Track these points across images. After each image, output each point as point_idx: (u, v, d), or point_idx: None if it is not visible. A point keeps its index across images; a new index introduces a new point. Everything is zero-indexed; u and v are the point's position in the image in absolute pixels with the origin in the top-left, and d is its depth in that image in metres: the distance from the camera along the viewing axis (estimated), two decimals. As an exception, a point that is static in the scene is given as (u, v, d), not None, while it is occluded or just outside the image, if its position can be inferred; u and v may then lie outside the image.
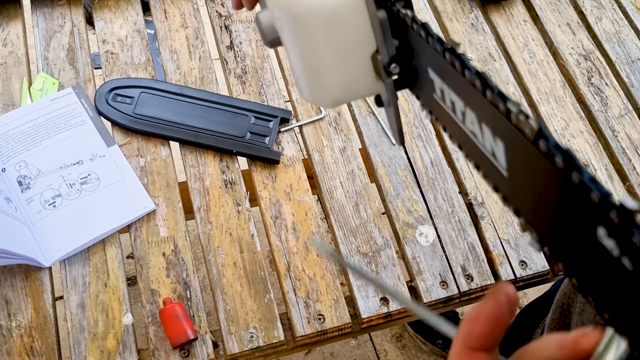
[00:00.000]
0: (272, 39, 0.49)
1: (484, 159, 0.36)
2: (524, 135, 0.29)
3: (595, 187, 0.25)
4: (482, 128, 0.34)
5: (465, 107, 0.36)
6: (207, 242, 0.75)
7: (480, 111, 0.34)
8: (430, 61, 0.38)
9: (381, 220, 0.78)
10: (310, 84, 0.47)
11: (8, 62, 0.87)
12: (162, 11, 0.94)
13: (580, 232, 0.27)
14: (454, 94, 0.37)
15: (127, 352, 0.67)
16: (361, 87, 0.46)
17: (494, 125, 0.33)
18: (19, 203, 0.75)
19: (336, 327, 0.70)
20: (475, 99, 0.34)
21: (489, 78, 0.32)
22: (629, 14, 1.00)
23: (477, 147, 0.36)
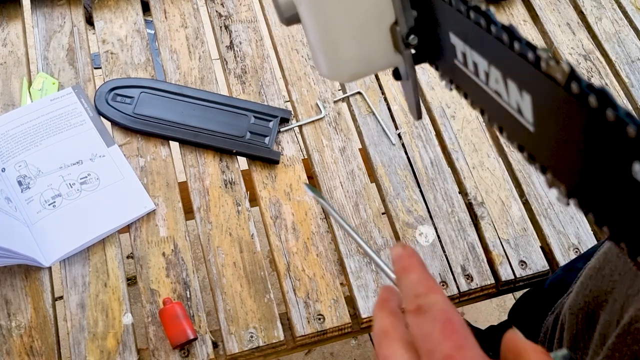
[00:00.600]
0: (289, 16, 0.48)
1: (508, 118, 0.36)
2: (555, 81, 0.29)
3: (631, 121, 0.24)
4: (507, 84, 0.34)
5: (489, 66, 0.36)
6: (207, 242, 0.75)
7: (506, 66, 0.34)
8: (453, 25, 0.39)
9: (381, 220, 0.78)
10: (328, 58, 0.47)
11: (8, 62, 0.87)
12: (162, 11, 0.94)
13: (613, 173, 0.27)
14: (477, 55, 0.37)
15: (127, 352, 0.67)
16: (379, 59, 0.46)
17: (521, 77, 0.32)
18: (18, 203, 0.75)
19: (336, 327, 0.70)
20: (501, 54, 0.34)
21: (515, 29, 0.32)
22: (629, 14, 1.00)
23: (501, 107, 0.36)
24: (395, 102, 0.88)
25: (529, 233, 0.78)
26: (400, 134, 0.85)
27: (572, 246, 0.77)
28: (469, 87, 0.40)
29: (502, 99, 0.36)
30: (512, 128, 0.36)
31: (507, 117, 0.36)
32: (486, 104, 0.39)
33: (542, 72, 0.30)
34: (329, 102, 0.87)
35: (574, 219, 0.80)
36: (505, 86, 0.35)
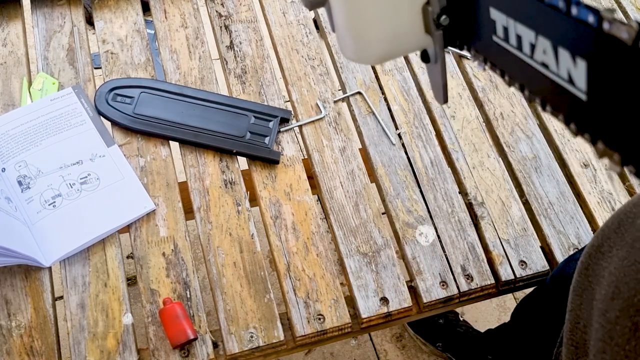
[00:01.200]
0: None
1: (556, 90, 0.35)
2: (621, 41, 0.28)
3: None
4: (558, 54, 0.34)
5: (536, 37, 0.35)
6: (207, 242, 0.75)
7: (559, 35, 0.33)
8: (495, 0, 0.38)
9: (381, 220, 0.78)
10: (356, 40, 0.46)
11: (8, 62, 0.87)
12: (162, 11, 0.94)
13: None
14: (522, 27, 0.36)
15: (127, 352, 0.67)
16: (409, 41, 0.45)
17: (577, 44, 0.32)
18: (19, 203, 0.75)
19: (336, 327, 0.70)
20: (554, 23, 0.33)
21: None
22: (629, 14, 1.00)
23: (547, 79, 0.35)
24: (395, 102, 0.88)
25: (529, 233, 0.78)
26: (400, 134, 0.85)
27: (572, 246, 0.77)
28: (508, 63, 0.40)
29: (549, 70, 0.35)
30: (559, 100, 0.35)
31: (555, 88, 0.35)
32: (528, 78, 0.38)
33: (605, 33, 0.29)
34: (329, 102, 0.87)
35: (574, 219, 0.80)
36: (556, 56, 0.34)
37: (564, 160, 0.85)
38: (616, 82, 0.30)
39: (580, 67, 0.32)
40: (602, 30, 0.29)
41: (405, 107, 0.87)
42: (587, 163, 0.85)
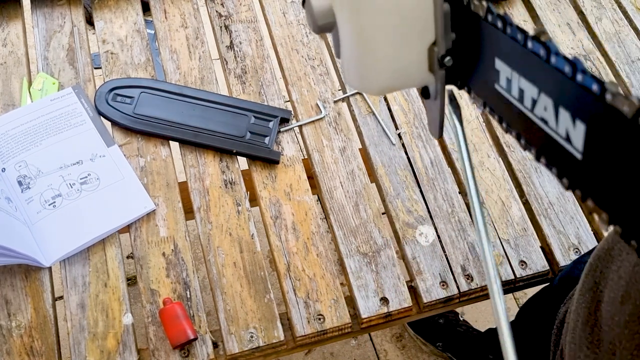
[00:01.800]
0: (324, 24, 0.48)
1: (552, 146, 0.36)
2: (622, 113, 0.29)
3: None
4: (558, 113, 0.35)
5: (539, 94, 0.36)
6: (207, 242, 0.75)
7: (562, 96, 0.34)
8: (501, 52, 0.39)
9: (381, 220, 0.78)
10: (361, 70, 0.47)
11: (8, 62, 0.87)
12: (162, 11, 0.94)
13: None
14: (526, 82, 0.37)
15: (127, 352, 0.67)
16: (412, 76, 0.46)
17: (578, 108, 0.33)
18: (19, 203, 0.75)
19: (336, 327, 0.70)
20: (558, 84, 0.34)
21: (579, 61, 0.32)
22: (629, 14, 1.00)
23: (545, 133, 0.36)
24: (395, 102, 0.88)
25: (529, 233, 0.78)
26: (400, 134, 0.85)
27: (572, 246, 0.77)
28: (507, 112, 0.41)
29: (548, 126, 0.36)
30: (554, 154, 0.37)
31: (551, 144, 0.36)
32: (526, 129, 0.39)
33: (607, 103, 0.31)
34: (329, 102, 0.87)
35: (574, 219, 0.80)
36: (556, 114, 0.35)
37: (564, 160, 0.85)
38: (612, 148, 0.31)
39: (579, 129, 0.33)
40: (605, 100, 0.31)
41: (405, 107, 0.87)
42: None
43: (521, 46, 0.36)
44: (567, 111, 0.34)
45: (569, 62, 0.33)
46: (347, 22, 0.46)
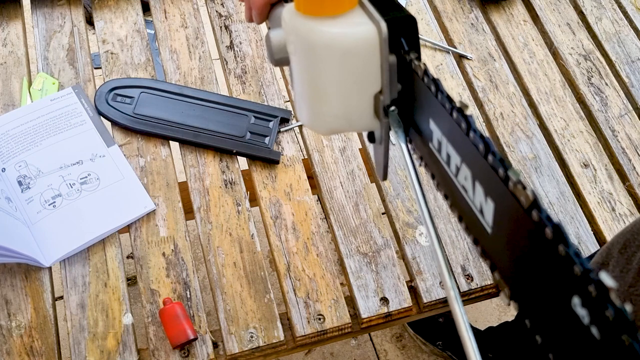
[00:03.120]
0: (280, 58, 0.50)
1: (470, 213, 0.38)
2: (519, 202, 0.31)
3: (579, 261, 0.27)
4: (475, 185, 0.36)
5: (461, 163, 0.37)
6: (207, 242, 0.75)
7: (478, 171, 0.35)
8: (434, 114, 0.40)
9: (381, 220, 0.78)
10: (311, 110, 0.49)
11: (8, 62, 0.87)
12: (162, 11, 0.94)
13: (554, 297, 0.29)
14: (452, 149, 0.38)
15: (127, 352, 0.67)
16: (359, 121, 0.47)
17: (489, 186, 0.34)
18: (19, 203, 0.75)
19: (336, 327, 0.70)
20: (475, 159, 0.35)
21: (491, 143, 0.33)
22: (629, 14, 1.00)
23: (465, 201, 0.38)
24: (395, 102, 0.88)
25: (529, 233, 0.78)
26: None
27: (572, 246, 0.77)
28: (438, 172, 0.42)
29: (467, 195, 0.37)
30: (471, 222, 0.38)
31: (469, 212, 0.38)
32: (452, 193, 0.40)
33: (508, 189, 0.31)
34: (329, 102, 0.87)
35: (574, 219, 0.80)
36: (473, 186, 0.36)
37: (564, 160, 0.85)
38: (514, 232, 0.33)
39: (489, 205, 0.34)
40: (508, 186, 0.32)
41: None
42: (587, 163, 0.85)
43: (448, 114, 0.37)
44: (481, 186, 0.35)
45: (483, 141, 0.34)
46: (298, 63, 0.47)
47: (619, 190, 0.83)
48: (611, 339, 0.26)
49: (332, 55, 0.43)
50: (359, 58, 0.43)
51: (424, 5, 0.98)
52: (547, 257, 0.29)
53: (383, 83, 0.44)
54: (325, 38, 0.43)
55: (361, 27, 0.42)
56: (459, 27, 0.96)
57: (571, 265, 0.27)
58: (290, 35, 0.46)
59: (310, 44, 0.44)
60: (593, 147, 0.86)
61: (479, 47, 0.94)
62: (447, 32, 0.96)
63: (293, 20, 0.45)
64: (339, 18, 0.43)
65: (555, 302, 0.29)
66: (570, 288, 0.28)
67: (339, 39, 0.42)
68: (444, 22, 0.97)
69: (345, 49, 0.42)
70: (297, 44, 0.46)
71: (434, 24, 0.96)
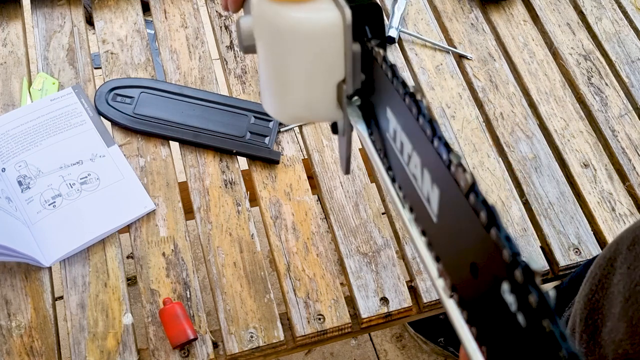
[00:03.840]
0: (248, 45, 0.49)
1: (419, 203, 0.37)
2: (459, 186, 0.30)
3: (508, 245, 0.26)
4: (423, 173, 0.36)
5: (412, 150, 0.37)
6: (207, 242, 0.75)
7: (425, 157, 0.35)
8: (391, 101, 0.40)
9: (381, 220, 0.78)
10: (274, 97, 0.48)
11: (8, 62, 0.87)
12: (162, 11, 0.94)
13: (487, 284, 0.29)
14: (405, 136, 0.38)
15: (127, 352, 0.67)
16: (322, 110, 0.47)
17: (435, 172, 0.34)
18: (19, 203, 0.75)
19: (336, 327, 0.70)
20: (423, 145, 0.35)
21: (438, 128, 0.33)
22: (629, 14, 1.00)
23: (415, 190, 0.38)
24: (395, 102, 0.88)
25: (529, 233, 0.78)
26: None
27: (572, 246, 0.77)
28: (393, 161, 0.42)
29: (417, 184, 0.37)
30: (420, 212, 0.38)
31: (419, 201, 0.37)
32: (404, 182, 0.40)
33: (451, 174, 0.31)
34: (329, 102, 0.87)
35: (574, 219, 0.80)
36: (422, 174, 0.36)
37: (564, 160, 0.85)
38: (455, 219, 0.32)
39: (435, 193, 0.34)
40: (450, 170, 0.31)
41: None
42: (587, 163, 0.85)
43: (402, 100, 0.37)
44: (429, 173, 0.35)
45: (430, 125, 0.33)
46: (263, 49, 0.47)
47: (619, 190, 0.83)
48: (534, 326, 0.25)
49: (296, 40, 0.43)
50: (322, 44, 0.43)
51: (424, 5, 0.98)
52: (482, 243, 0.29)
53: (346, 72, 0.44)
54: (290, 22, 0.42)
55: (326, 13, 0.42)
56: (459, 27, 0.96)
57: (501, 250, 0.27)
58: (257, 19, 0.46)
59: (275, 29, 0.43)
60: (593, 147, 0.86)
61: (479, 47, 0.94)
62: (447, 32, 0.96)
63: (261, 4, 0.44)
64: (305, 4, 0.43)
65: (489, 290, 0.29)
66: (500, 274, 0.27)
67: (304, 23, 0.42)
68: (444, 22, 0.97)
69: (309, 34, 0.42)
70: (262, 29, 0.45)
71: (434, 24, 0.96)
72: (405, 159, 0.39)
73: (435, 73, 0.91)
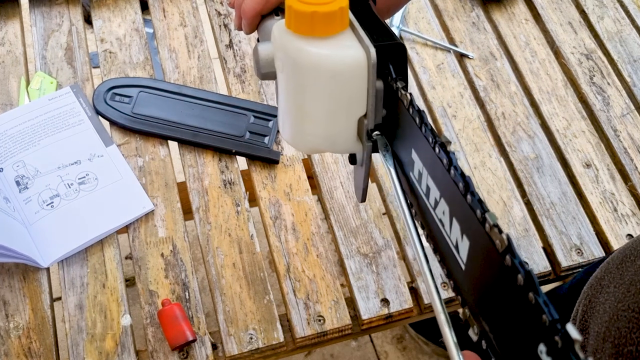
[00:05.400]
0: (267, 72, 0.49)
1: (446, 247, 0.38)
2: (494, 245, 0.31)
3: (547, 310, 0.27)
4: (452, 222, 0.36)
5: (440, 197, 0.37)
6: (206, 243, 0.74)
7: (456, 208, 0.35)
8: (417, 145, 0.40)
9: (382, 221, 0.77)
10: (293, 127, 0.48)
11: (6, 61, 0.87)
12: (161, 10, 0.93)
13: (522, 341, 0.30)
14: (432, 182, 0.38)
15: (125, 353, 0.67)
16: (341, 143, 0.48)
17: (466, 225, 0.34)
18: (16, 203, 0.74)
19: (336, 328, 0.70)
20: (454, 196, 0.35)
21: (472, 183, 0.33)
22: (631, 13, 1.00)
23: (442, 234, 0.38)
24: (396, 101, 0.87)
25: (530, 234, 0.78)
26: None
27: (574, 247, 0.77)
28: (416, 202, 0.42)
29: (444, 229, 0.37)
30: (446, 256, 0.38)
31: (445, 245, 0.38)
32: (429, 224, 0.40)
33: (485, 231, 0.32)
34: (329, 101, 0.86)
35: (576, 219, 0.79)
36: (450, 222, 0.36)
37: (566, 160, 0.84)
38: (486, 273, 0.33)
39: (465, 243, 0.35)
40: (484, 228, 0.32)
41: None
42: (589, 163, 0.84)
43: (431, 148, 0.37)
44: (458, 224, 0.35)
45: (463, 179, 0.34)
46: (284, 80, 0.47)
47: (621, 191, 0.82)
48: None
49: (319, 76, 0.43)
50: (345, 81, 0.43)
51: (425, 4, 0.97)
52: (517, 302, 0.29)
53: (368, 107, 0.44)
54: (314, 59, 0.42)
55: (350, 51, 0.42)
56: (460, 26, 0.96)
57: (541, 313, 0.28)
58: (278, 51, 0.46)
59: (298, 63, 0.43)
60: (595, 147, 0.86)
61: (480, 46, 0.94)
62: (448, 31, 0.95)
63: (282, 37, 0.44)
64: (328, 39, 0.43)
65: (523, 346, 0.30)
66: (538, 335, 0.28)
67: (328, 60, 0.42)
68: (445, 21, 0.96)
69: (333, 71, 0.42)
70: (284, 61, 0.45)
71: (435, 23, 0.96)
72: (432, 203, 0.39)
73: (436, 72, 0.91)
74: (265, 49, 0.48)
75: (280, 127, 0.51)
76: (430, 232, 0.40)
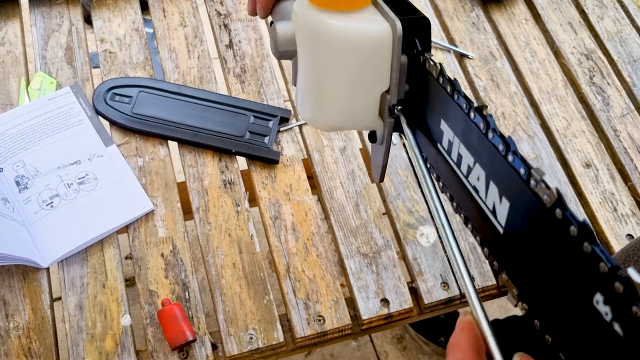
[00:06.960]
0: (284, 51, 0.49)
1: (480, 214, 0.37)
2: (540, 201, 0.30)
3: (605, 257, 0.27)
4: (488, 186, 0.36)
5: (475, 163, 0.37)
6: (206, 243, 0.74)
7: (494, 171, 0.35)
8: (447, 114, 0.40)
9: (382, 221, 0.77)
10: (314, 104, 0.48)
11: (6, 61, 0.87)
12: (161, 10, 0.93)
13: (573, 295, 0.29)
14: (465, 149, 0.38)
15: (125, 353, 0.67)
16: (362, 119, 0.47)
17: (505, 186, 0.34)
18: (16, 203, 0.74)
19: (336, 328, 0.70)
20: (492, 159, 0.35)
21: (512, 142, 0.33)
22: (631, 13, 1.00)
23: (474, 201, 0.38)
24: (396, 101, 0.87)
25: (530, 233, 0.78)
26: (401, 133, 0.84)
27: (574, 247, 0.77)
28: (445, 173, 0.42)
29: (478, 196, 0.37)
30: (479, 222, 0.38)
31: (479, 212, 0.37)
32: (459, 193, 0.40)
33: (530, 189, 0.31)
34: (329, 101, 0.86)
35: (576, 219, 0.79)
36: (487, 187, 0.36)
37: (566, 160, 0.84)
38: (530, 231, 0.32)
39: (504, 205, 0.34)
40: (529, 185, 0.31)
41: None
42: (589, 163, 0.84)
43: (465, 114, 0.37)
44: (496, 186, 0.35)
45: (503, 140, 0.34)
46: (306, 56, 0.47)
47: (621, 191, 0.82)
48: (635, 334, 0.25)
49: (343, 50, 0.42)
50: (369, 55, 0.42)
51: (425, 4, 0.97)
52: (570, 254, 0.29)
53: (392, 82, 0.44)
54: (338, 32, 0.42)
55: (375, 24, 0.42)
56: (460, 26, 0.96)
57: (598, 262, 0.27)
58: (300, 26, 0.46)
59: (321, 37, 0.43)
60: (595, 147, 0.86)
61: (480, 46, 0.94)
62: (448, 31, 0.95)
63: (305, 11, 0.44)
64: (352, 13, 0.42)
65: (575, 301, 0.29)
66: (593, 285, 0.27)
67: (352, 34, 0.42)
68: (445, 21, 0.96)
69: (357, 44, 0.42)
70: (307, 36, 0.45)
71: (435, 23, 0.96)
72: (464, 172, 0.38)
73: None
74: (283, 27, 0.48)
75: (299, 106, 0.51)
76: (461, 203, 0.40)
